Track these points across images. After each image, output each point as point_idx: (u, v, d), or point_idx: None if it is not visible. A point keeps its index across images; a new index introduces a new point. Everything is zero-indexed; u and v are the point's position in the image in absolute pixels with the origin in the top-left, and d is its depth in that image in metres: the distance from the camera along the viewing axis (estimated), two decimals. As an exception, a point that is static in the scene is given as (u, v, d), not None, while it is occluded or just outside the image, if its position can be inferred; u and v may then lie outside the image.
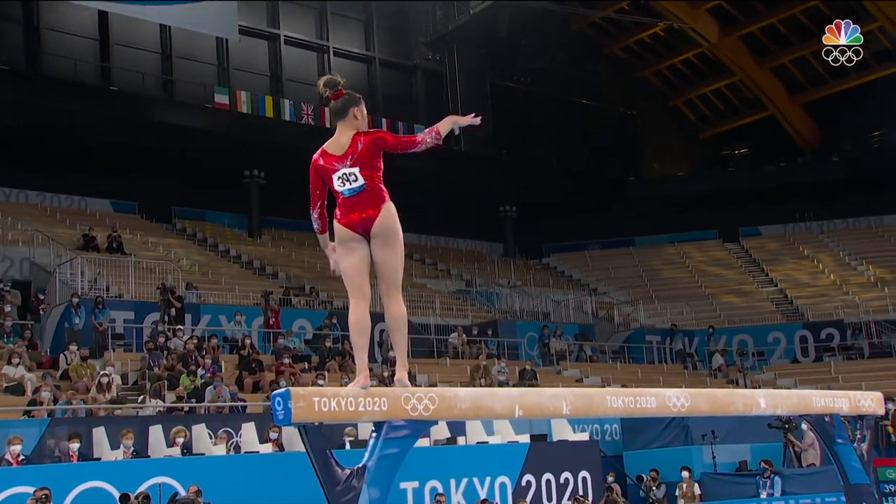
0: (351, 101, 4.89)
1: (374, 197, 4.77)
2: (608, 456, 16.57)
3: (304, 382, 15.60)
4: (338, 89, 4.90)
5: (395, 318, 4.82)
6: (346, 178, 4.77)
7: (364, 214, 4.76)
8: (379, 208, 4.76)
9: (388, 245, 4.77)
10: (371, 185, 4.76)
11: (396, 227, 4.79)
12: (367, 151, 4.77)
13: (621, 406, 5.49)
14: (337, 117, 4.89)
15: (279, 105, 28.14)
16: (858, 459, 6.43)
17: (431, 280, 27.95)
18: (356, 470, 4.45)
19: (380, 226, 4.75)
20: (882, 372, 23.96)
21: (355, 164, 4.76)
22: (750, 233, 34.21)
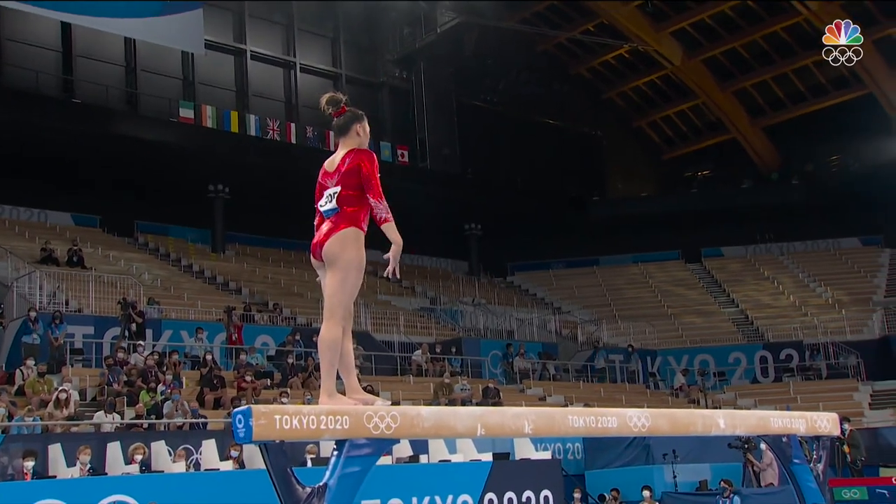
0: (353, 118, 4.93)
1: (340, 221, 4.76)
2: (570, 475, 16.61)
3: (267, 399, 15.48)
4: (340, 107, 4.94)
5: (321, 341, 4.77)
6: (329, 198, 4.82)
7: (320, 238, 4.80)
8: (333, 233, 4.74)
9: (330, 269, 4.77)
10: (344, 210, 4.75)
11: (340, 255, 4.72)
12: (351, 173, 4.77)
13: (583, 426, 5.50)
14: (339, 134, 4.94)
15: (245, 120, 28.06)
16: (815, 479, 6.51)
17: (396, 297, 27.92)
18: (317, 488, 4.43)
19: (326, 250, 4.76)
20: (839, 392, 24.33)
21: (339, 183, 4.79)
22: (712, 254, 34.63)
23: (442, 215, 32.04)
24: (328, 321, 4.75)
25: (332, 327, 4.73)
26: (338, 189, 4.77)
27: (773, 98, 34.51)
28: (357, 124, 4.92)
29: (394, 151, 31.21)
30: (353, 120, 4.92)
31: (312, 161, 25.21)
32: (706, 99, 35.33)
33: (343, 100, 4.95)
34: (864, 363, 25.46)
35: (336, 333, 4.72)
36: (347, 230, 4.75)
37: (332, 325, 4.73)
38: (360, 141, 4.93)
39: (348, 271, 4.76)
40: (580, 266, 34.49)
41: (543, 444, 16.64)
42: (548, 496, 14.73)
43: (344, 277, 4.75)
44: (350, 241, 4.75)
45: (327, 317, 4.76)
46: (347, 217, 4.76)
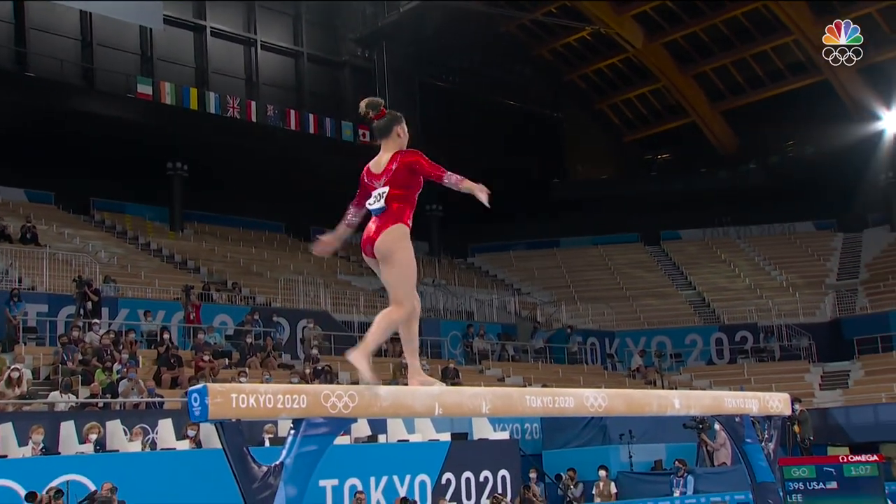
0: (394, 120, 5.17)
1: (388, 219, 5.05)
2: (528, 455, 16.76)
3: (225, 379, 15.39)
4: (380, 110, 5.17)
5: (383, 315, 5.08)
6: (377, 198, 5.10)
7: (370, 236, 5.08)
8: (382, 230, 5.03)
9: (386, 264, 5.07)
10: (391, 207, 5.05)
11: (393, 252, 5.02)
12: (400, 173, 5.05)
13: (540, 406, 5.56)
14: (381, 136, 5.18)
15: (204, 97, 27.68)
16: (766, 458, 6.63)
17: (356, 277, 27.82)
18: (273, 467, 4.42)
19: (378, 247, 5.05)
20: (791, 374, 24.81)
21: (387, 183, 5.07)
22: (670, 237, 34.99)
23: (403, 196, 31.94)
24: (396, 306, 5.09)
25: (399, 312, 5.10)
26: (386, 189, 5.06)
27: (733, 82, 34.83)
28: (397, 126, 5.18)
29: (355, 131, 31.01)
30: (393, 122, 5.17)
31: (273, 140, 25.16)
32: (667, 82, 35.55)
33: (382, 103, 5.18)
34: (815, 345, 25.98)
35: (401, 316, 5.10)
36: (395, 227, 5.03)
37: (399, 310, 5.09)
38: (401, 142, 5.19)
39: (403, 265, 5.07)
40: (541, 248, 34.65)
41: (501, 424, 16.77)
42: (505, 476, 14.87)
43: (400, 271, 5.07)
44: (399, 237, 5.04)
45: (395, 304, 5.10)
46: (394, 215, 5.05)
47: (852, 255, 32.08)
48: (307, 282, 24.33)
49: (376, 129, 5.19)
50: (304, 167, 29.03)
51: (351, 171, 4.76)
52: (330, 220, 5.05)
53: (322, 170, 29.43)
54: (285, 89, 31.64)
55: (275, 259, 26.93)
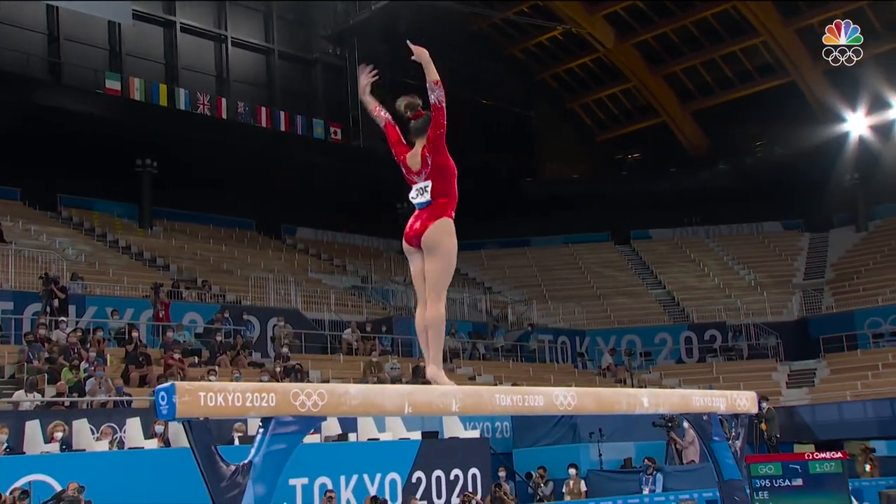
0: (429, 121, 5.44)
1: (434, 212, 5.33)
2: (498, 453, 16.79)
3: (194, 377, 15.27)
4: (418, 110, 5.52)
5: (429, 321, 5.35)
6: (420, 192, 5.39)
7: (417, 227, 5.34)
8: (429, 223, 5.30)
9: (431, 256, 5.32)
10: (436, 202, 5.33)
11: (441, 241, 5.29)
12: (435, 160, 5.34)
13: (510, 404, 5.56)
14: (416, 135, 5.51)
15: (174, 94, 27.47)
16: (733, 456, 6.70)
17: (327, 275, 27.77)
18: (241, 466, 4.39)
19: (425, 239, 5.32)
20: (759, 372, 25.08)
21: (429, 177, 5.36)
22: (640, 236, 35.23)
23: (374, 193, 31.87)
24: (436, 302, 5.32)
25: (440, 307, 5.33)
26: (429, 183, 5.35)
27: (702, 83, 35.12)
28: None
29: (326, 129, 30.94)
30: (428, 122, 5.44)
31: (243, 137, 24.94)
32: (637, 83, 35.78)
33: (420, 104, 5.50)
34: (782, 344, 26.27)
35: (443, 312, 5.35)
36: (443, 220, 5.32)
37: (440, 306, 5.33)
38: None
39: (447, 260, 5.35)
40: (512, 246, 34.73)
41: (472, 422, 16.79)
42: (476, 474, 14.89)
43: (444, 265, 5.34)
44: (447, 230, 5.33)
45: (434, 298, 5.32)
46: (441, 208, 5.33)
47: (819, 254, 32.50)
48: (278, 280, 24.22)
49: (413, 129, 5.48)
50: (275, 164, 28.88)
51: (322, 168, 4.71)
52: (301, 217, 5.03)
53: (293, 167, 29.32)
54: (256, 86, 31.46)
55: (245, 257, 26.78)
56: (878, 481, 16.29)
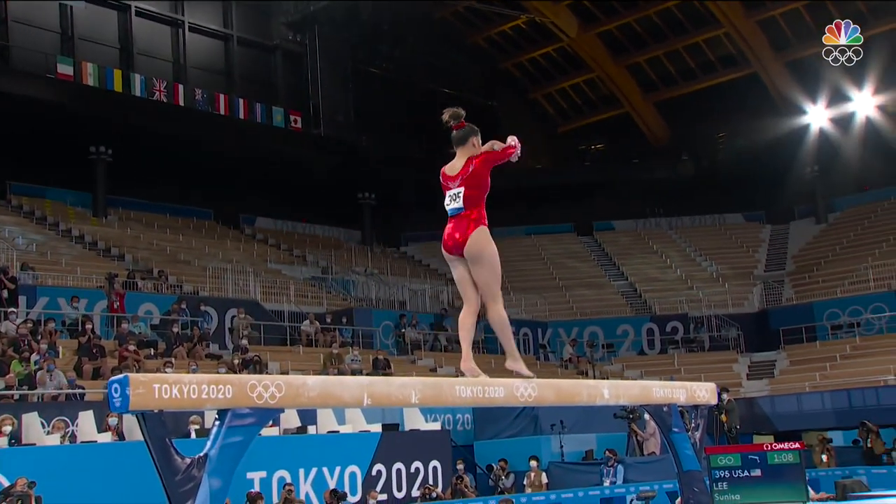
0: (471, 132, 5.71)
1: (467, 221, 5.61)
2: (459, 445, 16.86)
3: (150, 369, 15.13)
4: (460, 121, 5.74)
5: (493, 322, 5.72)
6: (453, 198, 5.64)
7: (456, 238, 5.63)
8: (468, 234, 5.59)
9: (477, 265, 5.65)
10: (468, 210, 5.60)
11: (484, 249, 5.62)
12: (477, 171, 5.57)
13: (470, 396, 5.60)
14: (458, 144, 5.73)
15: (129, 79, 27.08)
16: (692, 447, 6.80)
17: (286, 266, 27.62)
18: (197, 459, 4.38)
19: (468, 250, 5.61)
20: (720, 364, 25.42)
21: (463, 184, 5.61)
22: (603, 227, 35.48)
23: (335, 183, 31.77)
24: (494, 304, 5.70)
25: (499, 308, 5.71)
26: (461, 190, 5.60)
27: (665, 74, 35.42)
28: (474, 137, 5.71)
29: (286, 117, 30.72)
30: (470, 133, 5.71)
31: (201, 124, 24.66)
32: (601, 73, 35.97)
33: (464, 115, 5.75)
34: (743, 335, 26.64)
35: (503, 311, 5.71)
36: (480, 229, 5.61)
37: (498, 307, 5.70)
38: (475, 151, 5.71)
39: (494, 263, 5.69)
40: (475, 237, 34.75)
41: (433, 415, 16.84)
42: (437, 467, 14.95)
43: (491, 270, 5.68)
44: (485, 238, 5.63)
45: (491, 302, 5.71)
46: (475, 217, 5.62)
47: (779, 246, 32.98)
48: (236, 270, 24.05)
49: (454, 139, 5.72)
50: (234, 153, 28.64)
51: (281, 157, 4.69)
52: (260, 207, 4.99)
53: (252, 156, 29.09)
54: (214, 73, 31.13)
55: (203, 247, 26.54)
56: (834, 471, 16.64)
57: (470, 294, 5.79)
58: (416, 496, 14.42)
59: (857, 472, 16.31)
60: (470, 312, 5.79)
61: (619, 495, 14.75)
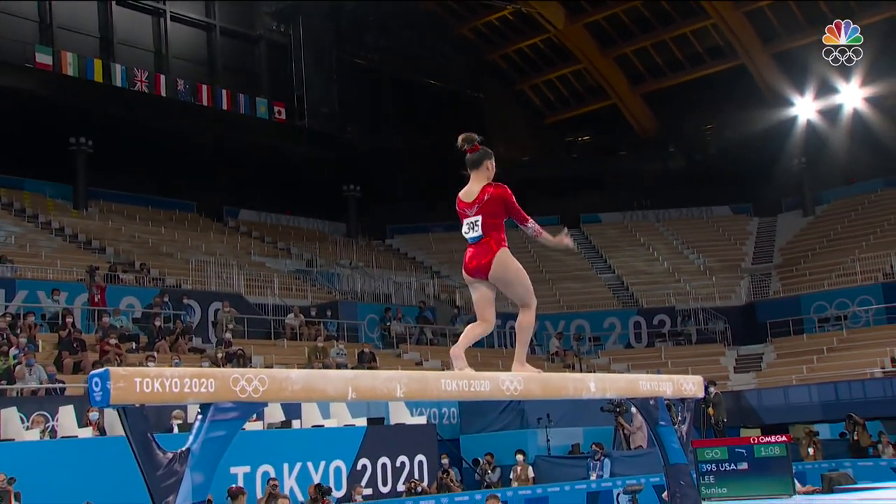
0: (485, 155, 5.86)
1: (488, 247, 5.74)
2: (445, 440, 16.86)
3: (132, 363, 15.07)
4: (474, 144, 5.88)
5: (519, 324, 5.98)
6: (471, 226, 5.80)
7: (479, 263, 5.76)
8: (490, 258, 5.72)
9: (508, 286, 5.83)
10: (488, 237, 5.75)
11: (509, 270, 5.77)
12: (491, 204, 5.73)
13: (455, 389, 5.59)
14: (472, 168, 5.89)
15: (110, 69, 26.90)
16: (678, 441, 6.82)
17: (270, 259, 27.55)
18: (179, 454, 4.36)
19: (494, 275, 5.76)
20: (707, 357, 25.53)
21: (479, 212, 5.76)
22: (590, 219, 35.50)
23: (319, 175, 31.70)
24: (528, 311, 5.92)
25: (530, 314, 5.93)
26: (479, 218, 5.76)
27: (653, 65, 35.48)
28: (487, 160, 5.87)
29: (270, 108, 30.60)
30: (485, 156, 5.86)
31: (184, 115, 24.46)
32: (588, 64, 36.00)
33: (478, 139, 5.90)
34: (730, 328, 26.76)
35: (531, 318, 5.94)
36: (501, 252, 5.76)
37: (529, 314, 5.93)
38: (489, 174, 5.90)
39: (521, 279, 5.86)
40: (460, 229, 34.59)
41: (419, 408, 16.84)
42: (422, 461, 14.95)
43: (521, 286, 5.86)
44: (508, 260, 5.78)
45: (526, 308, 5.91)
46: (494, 242, 5.76)
47: (767, 239, 33.13)
48: (219, 263, 23.97)
49: (468, 161, 5.87)
50: (217, 144, 28.53)
51: (265, 149, 4.67)
52: (244, 199, 4.96)
53: (235, 147, 29.00)
54: (197, 63, 30.96)
55: (185, 239, 26.43)
56: (820, 464, 16.76)
57: (487, 315, 5.93)
58: (402, 490, 14.43)
59: (844, 465, 16.46)
60: (482, 328, 5.93)
61: (606, 489, 14.81)
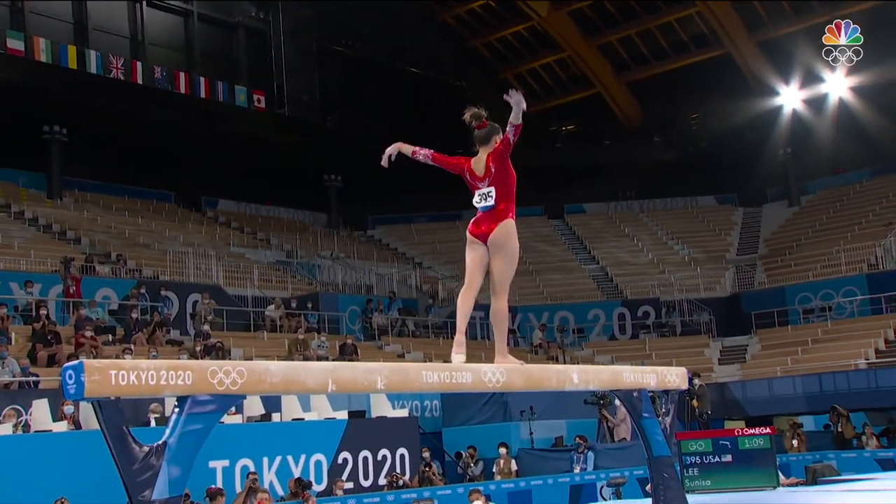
0: (493, 131, 6.12)
1: (498, 215, 5.98)
2: (427, 433, 16.90)
3: (108, 356, 14.99)
4: (482, 120, 6.15)
5: (494, 313, 6.04)
6: (483, 197, 6.04)
7: (486, 228, 5.99)
8: (496, 224, 5.94)
9: (498, 254, 5.98)
10: (499, 206, 5.98)
11: (508, 241, 5.98)
12: (499, 169, 5.98)
13: (437, 381, 5.60)
14: (481, 143, 6.15)
15: (84, 56, 26.64)
16: (662, 433, 6.86)
17: (250, 250, 27.46)
18: (155, 447, 4.35)
19: (494, 238, 5.96)
20: (692, 348, 25.67)
21: (492, 183, 6.01)
22: (574, 210, 35.58)
23: (300, 165, 31.57)
24: (500, 297, 6.02)
25: (504, 301, 6.03)
26: (492, 189, 6.01)
27: (637, 53, 35.51)
28: (496, 135, 6.10)
29: (249, 96, 30.42)
30: (493, 132, 6.12)
31: (161, 103, 24.27)
32: (572, 52, 36.00)
33: (485, 115, 6.15)
34: (715, 320, 26.91)
35: (506, 306, 6.04)
36: (507, 222, 5.99)
37: (503, 300, 6.02)
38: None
39: (513, 257, 6.04)
40: (442, 220, 34.76)
41: (401, 401, 16.86)
42: (404, 454, 14.99)
43: (509, 262, 6.02)
44: (511, 231, 6.00)
45: (499, 293, 6.02)
46: (504, 211, 5.99)
47: (752, 229, 33.31)
48: (198, 254, 23.87)
49: (477, 137, 6.13)
50: (195, 133, 28.34)
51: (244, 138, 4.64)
52: (222, 189, 4.93)
53: (214, 136, 28.82)
54: (174, 50, 30.71)
55: (163, 230, 26.29)
56: (804, 456, 16.90)
57: (476, 277, 6.04)
58: (383, 484, 14.45)
59: (828, 457, 16.61)
60: (470, 295, 6.02)
61: (590, 482, 14.88)
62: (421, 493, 13.16)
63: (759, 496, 10.81)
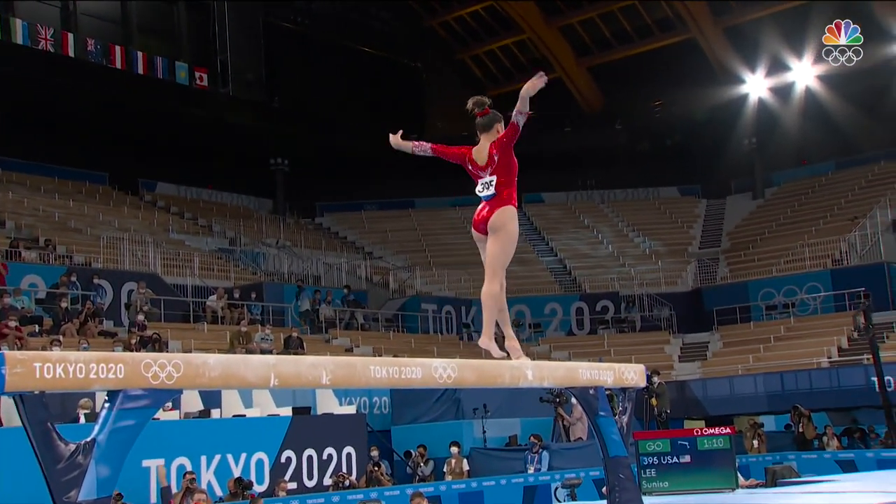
0: (495, 119, 6.30)
1: (498, 202, 6.14)
2: (375, 431, 16.88)
3: (35, 348, 14.74)
4: (485, 108, 6.29)
5: (484, 296, 6.22)
6: (486, 186, 6.21)
7: (484, 214, 6.17)
8: (495, 210, 6.12)
9: (494, 235, 6.14)
10: (501, 193, 6.14)
11: (506, 224, 6.11)
12: (501, 158, 6.17)
13: (385, 376, 5.59)
14: (483, 131, 6.31)
15: (9, 26, 26.06)
16: (619, 432, 6.91)
17: (190, 236, 27.18)
18: (83, 445, 4.28)
19: (492, 222, 6.12)
20: (652, 345, 25.94)
21: (494, 172, 6.19)
22: (532, 199, 35.70)
23: (245, 147, 31.31)
24: (491, 280, 6.20)
25: (495, 285, 6.21)
26: (494, 178, 6.17)
27: (600, 37, 35.70)
28: (498, 123, 6.28)
29: (191, 73, 30.04)
30: (495, 120, 6.28)
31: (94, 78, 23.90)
32: (532, 34, 36.09)
33: (488, 102, 6.30)
34: (676, 316, 27.21)
35: (496, 289, 6.21)
36: (508, 207, 6.13)
37: (494, 283, 6.20)
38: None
39: (509, 241, 6.18)
40: (394, 208, 34.72)
41: (348, 397, 16.82)
42: (351, 453, 14.96)
43: (504, 245, 6.17)
44: (511, 216, 6.14)
45: (490, 276, 6.20)
46: (506, 198, 6.14)
47: (715, 222, 33.73)
48: (134, 240, 23.56)
49: (479, 124, 6.29)
50: (132, 111, 27.94)
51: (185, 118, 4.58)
52: (161, 170, 4.86)
53: (152, 115, 28.45)
54: (109, 22, 30.19)
55: (96, 214, 25.91)
56: (765, 457, 17.19)
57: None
58: (329, 485, 14.42)
59: (788, 458, 16.89)
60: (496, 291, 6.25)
61: (544, 483, 14.98)
62: (368, 494, 13.15)
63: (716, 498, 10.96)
